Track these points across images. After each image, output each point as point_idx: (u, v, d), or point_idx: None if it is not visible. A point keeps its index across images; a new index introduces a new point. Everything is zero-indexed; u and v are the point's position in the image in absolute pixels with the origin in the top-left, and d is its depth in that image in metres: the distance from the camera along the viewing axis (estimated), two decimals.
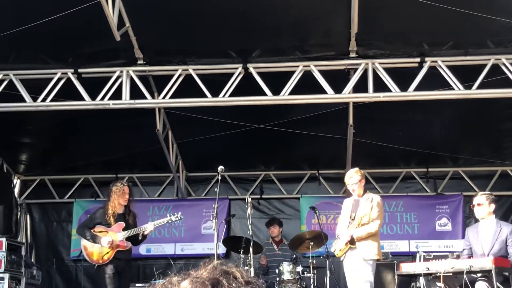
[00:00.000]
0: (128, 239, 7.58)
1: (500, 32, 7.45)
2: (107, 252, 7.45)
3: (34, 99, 8.26)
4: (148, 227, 7.64)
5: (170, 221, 7.86)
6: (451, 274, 6.45)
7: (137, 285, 9.54)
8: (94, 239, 7.47)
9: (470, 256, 7.02)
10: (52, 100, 8.26)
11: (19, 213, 11.53)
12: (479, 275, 6.43)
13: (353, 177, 7.26)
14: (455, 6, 6.90)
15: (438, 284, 6.62)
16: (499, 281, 6.27)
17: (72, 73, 8.26)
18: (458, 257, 7.22)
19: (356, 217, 7.12)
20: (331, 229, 10.03)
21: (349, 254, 7.13)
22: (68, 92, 8.25)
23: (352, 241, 7.03)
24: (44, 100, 8.24)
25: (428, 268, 6.54)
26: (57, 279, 11.21)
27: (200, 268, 1.17)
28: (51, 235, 11.56)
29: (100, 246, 7.46)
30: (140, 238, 7.71)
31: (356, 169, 7.40)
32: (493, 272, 6.12)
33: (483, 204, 7.00)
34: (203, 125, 9.67)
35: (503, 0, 7.02)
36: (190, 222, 10.89)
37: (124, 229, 7.56)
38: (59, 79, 8.28)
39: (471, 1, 7.00)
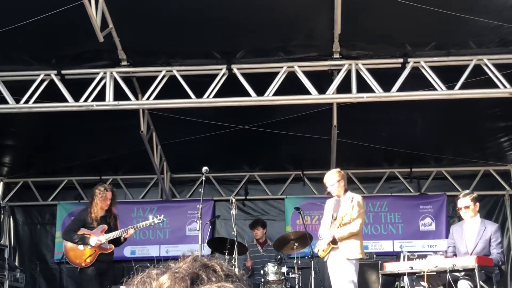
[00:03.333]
0: (110, 241, 7.56)
1: (482, 33, 7.51)
2: (90, 255, 7.43)
3: (17, 101, 8.20)
4: (129, 231, 7.62)
5: (153, 223, 7.84)
6: (434, 273, 6.48)
7: (121, 287, 9.49)
8: (83, 240, 7.46)
9: (455, 253, 7.07)
10: (35, 102, 8.20)
11: (2, 216, 11.45)
12: (462, 273, 6.47)
13: (330, 178, 7.28)
14: (437, 7, 6.95)
15: (422, 283, 6.65)
16: (482, 280, 6.31)
17: (55, 75, 8.21)
18: (442, 256, 7.25)
19: (338, 217, 7.14)
20: (315, 229, 10.01)
21: (332, 254, 7.15)
22: (51, 93, 8.20)
23: (334, 241, 7.04)
24: (27, 101, 8.19)
25: (412, 268, 6.57)
26: (41, 281, 11.15)
27: (180, 260, 1.17)
28: (34, 238, 11.49)
29: (82, 249, 7.44)
30: (121, 240, 7.70)
31: (336, 169, 7.43)
32: (476, 271, 6.16)
33: (470, 206, 7.05)
34: (187, 126, 9.65)
35: (485, 1, 7.08)
36: (174, 223, 10.87)
37: (106, 232, 7.54)
38: (42, 81, 8.23)
39: (453, 2, 7.05)
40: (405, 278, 6.82)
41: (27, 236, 11.55)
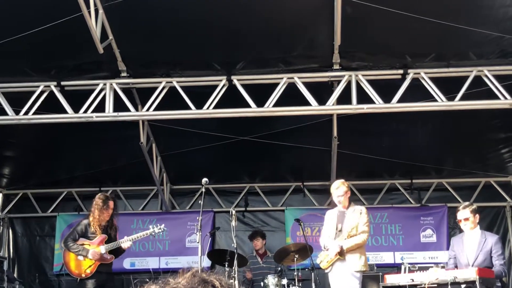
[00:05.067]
0: (110, 252, 7.53)
1: (482, 44, 7.51)
2: (90, 266, 7.39)
3: (17, 112, 8.19)
4: (126, 243, 7.57)
5: (153, 233, 7.79)
6: (435, 285, 6.44)
7: None
8: (82, 252, 7.40)
9: (456, 266, 7.03)
10: (34, 113, 8.20)
11: (1, 228, 11.42)
12: (463, 286, 6.42)
13: (339, 188, 7.24)
14: (437, 18, 6.95)
15: None
16: None
17: (55, 86, 8.21)
18: (443, 268, 7.21)
19: (344, 229, 7.10)
20: (316, 241, 9.98)
21: (337, 266, 7.10)
22: (51, 105, 8.19)
23: (341, 253, 7.01)
24: (26, 113, 8.18)
25: (413, 280, 6.52)
26: None
27: (179, 276, 1.15)
28: (33, 250, 11.45)
29: (82, 260, 7.39)
30: (122, 250, 7.66)
31: (342, 180, 7.39)
32: (477, 283, 6.11)
33: (469, 218, 7.02)
34: (187, 138, 9.65)
35: (484, 12, 7.07)
36: (174, 235, 10.84)
37: (106, 242, 7.50)
38: (41, 92, 8.23)
39: (453, 13, 7.05)
40: None
41: (26, 248, 11.51)
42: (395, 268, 9.74)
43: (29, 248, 11.50)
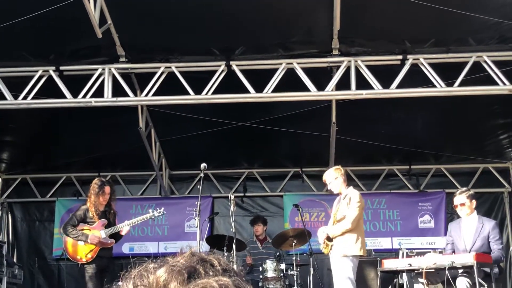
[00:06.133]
0: (110, 236, 7.56)
1: (481, 30, 7.50)
2: (90, 250, 7.42)
3: (15, 97, 8.18)
4: (124, 228, 7.61)
5: (153, 217, 7.83)
6: (433, 270, 6.48)
7: (119, 283, 9.48)
8: (82, 237, 7.43)
9: (454, 251, 7.07)
10: (33, 98, 8.20)
11: (0, 212, 11.43)
12: (460, 271, 6.47)
13: (328, 176, 7.20)
14: (437, 4, 6.93)
15: (420, 280, 6.65)
16: (480, 277, 6.31)
17: (54, 71, 8.20)
18: (440, 253, 7.25)
19: (338, 216, 7.11)
20: (314, 226, 10.05)
21: (334, 249, 7.13)
22: (49, 89, 8.19)
23: (329, 239, 7.00)
24: (25, 98, 8.18)
25: (411, 264, 6.56)
26: (39, 278, 11.14)
27: (178, 255, 1.16)
28: (33, 234, 11.49)
29: (83, 245, 7.42)
30: (121, 234, 7.70)
31: (335, 167, 7.35)
32: (474, 268, 6.15)
33: (465, 203, 7.05)
34: (186, 123, 9.65)
35: None
36: (173, 220, 10.87)
37: (106, 227, 7.53)
38: (40, 77, 8.22)
39: None
40: (404, 275, 6.81)
41: (25, 232, 11.55)
42: (393, 253, 9.80)
43: (28, 232, 11.53)
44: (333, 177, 7.15)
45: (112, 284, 1.09)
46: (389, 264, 6.93)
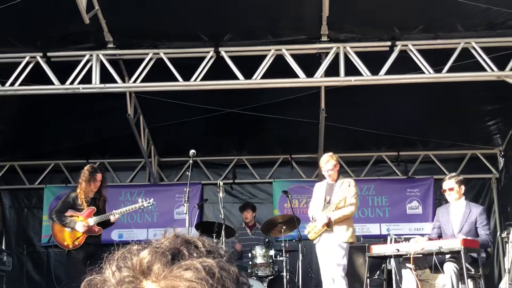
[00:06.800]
0: (98, 224, 7.55)
1: (469, 16, 7.50)
2: (78, 237, 7.41)
3: (2, 83, 8.12)
4: (114, 215, 7.60)
5: (142, 207, 7.82)
6: (421, 255, 6.52)
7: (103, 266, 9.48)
8: (70, 224, 7.42)
9: (440, 235, 7.11)
10: (20, 84, 8.14)
11: None
12: (448, 256, 6.51)
13: (329, 162, 7.30)
14: None
15: (408, 265, 6.69)
16: (468, 262, 6.36)
17: (41, 57, 8.14)
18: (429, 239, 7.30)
19: (332, 201, 7.17)
20: (303, 213, 10.06)
21: (324, 237, 7.18)
22: (37, 76, 8.13)
23: (329, 224, 7.07)
24: (12, 84, 8.11)
25: (398, 250, 6.60)
26: (28, 265, 11.11)
27: (162, 237, 1.16)
28: (21, 221, 11.44)
29: (70, 231, 7.41)
30: (111, 222, 7.69)
31: (331, 154, 7.43)
32: (462, 253, 6.20)
33: (454, 188, 7.09)
34: (175, 110, 9.62)
35: None
36: (162, 207, 10.85)
37: (95, 214, 7.52)
38: (27, 63, 8.16)
39: None
40: (392, 260, 6.85)
41: (13, 219, 11.50)
42: (381, 239, 9.83)
43: (17, 220, 11.48)
44: (334, 164, 7.32)
45: (95, 266, 1.08)
46: (377, 249, 6.97)
